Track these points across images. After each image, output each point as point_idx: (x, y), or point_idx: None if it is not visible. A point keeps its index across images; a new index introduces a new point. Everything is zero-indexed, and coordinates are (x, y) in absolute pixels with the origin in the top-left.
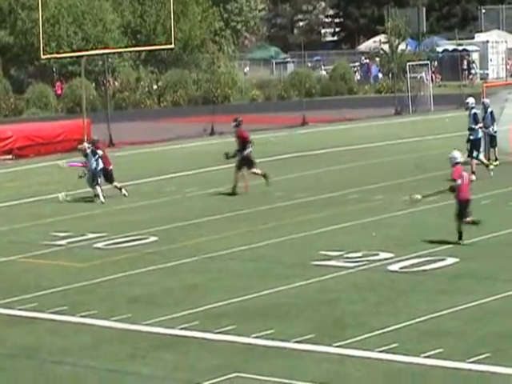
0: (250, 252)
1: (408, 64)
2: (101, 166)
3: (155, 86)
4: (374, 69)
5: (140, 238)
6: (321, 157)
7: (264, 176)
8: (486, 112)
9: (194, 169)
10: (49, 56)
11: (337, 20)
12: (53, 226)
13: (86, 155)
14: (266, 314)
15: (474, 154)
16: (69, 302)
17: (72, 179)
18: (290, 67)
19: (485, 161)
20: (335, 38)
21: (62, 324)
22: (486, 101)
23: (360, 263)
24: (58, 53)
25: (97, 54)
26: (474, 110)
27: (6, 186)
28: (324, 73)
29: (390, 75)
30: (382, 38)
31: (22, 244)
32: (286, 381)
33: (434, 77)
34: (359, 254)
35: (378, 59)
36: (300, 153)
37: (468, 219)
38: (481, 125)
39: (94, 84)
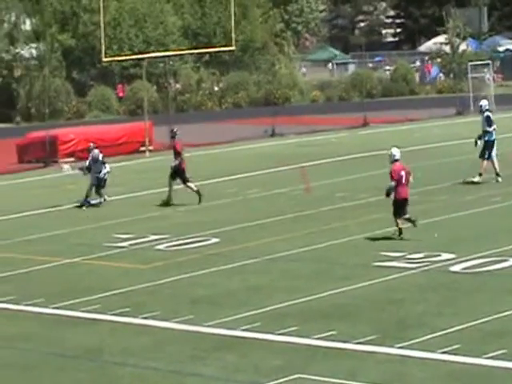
0: (313, 253)
1: (469, 64)
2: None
3: (216, 88)
4: (434, 69)
5: (202, 239)
6: (382, 157)
7: (198, 193)
8: None
9: (256, 170)
10: (110, 59)
11: (397, 20)
12: (115, 227)
13: (96, 161)
14: (328, 315)
15: (486, 155)
16: (131, 304)
17: (133, 181)
18: (351, 68)
19: (497, 167)
20: (396, 39)
21: (124, 325)
22: None
23: (422, 264)
24: (119, 55)
25: (158, 57)
26: (487, 113)
27: (68, 188)
28: (387, 73)
29: (452, 75)
30: (443, 38)
31: (85, 246)
32: (348, 382)
33: (495, 76)
34: (421, 255)
35: (439, 59)
36: (361, 154)
37: (405, 217)
38: (495, 126)
39: (155, 86)
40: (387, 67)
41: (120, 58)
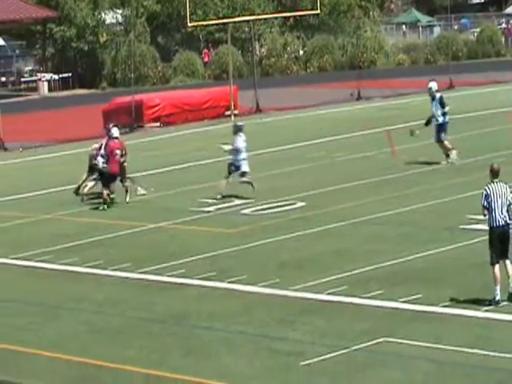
0: (397, 217)
1: None
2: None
3: (301, 52)
4: None
5: (287, 203)
6: (468, 120)
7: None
8: None
9: (342, 134)
10: (195, 24)
11: None
12: (200, 192)
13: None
14: (414, 278)
15: (442, 137)
16: (217, 268)
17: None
18: (437, 31)
19: (449, 146)
20: (482, 1)
21: (210, 290)
22: None
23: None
24: (204, 20)
25: (243, 21)
26: (439, 94)
27: (153, 153)
28: (474, 34)
29: None
30: None
31: (170, 211)
32: (434, 345)
33: None
34: None
35: None
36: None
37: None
38: (448, 108)
39: (240, 51)
40: (471, 30)
41: (205, 23)
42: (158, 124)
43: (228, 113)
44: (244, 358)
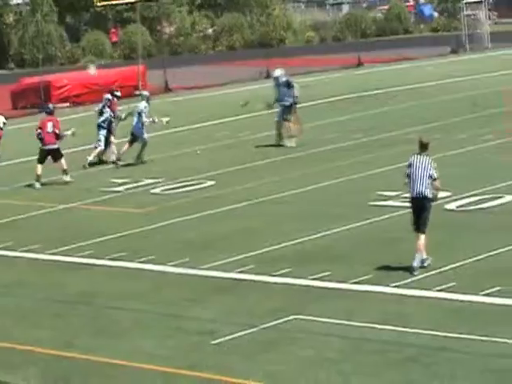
0: (306, 195)
1: (464, 2)
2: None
3: (210, 31)
4: (427, 8)
5: (196, 182)
6: (377, 97)
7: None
8: None
9: (249, 113)
10: (104, 3)
11: None
12: (110, 172)
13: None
14: (322, 256)
15: (288, 117)
16: (127, 248)
17: (128, 125)
18: (345, 8)
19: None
20: None
21: (120, 270)
22: None
23: None
24: None
25: (151, 0)
26: (286, 78)
27: (64, 133)
28: (382, 12)
29: (446, 14)
30: None
31: (81, 191)
32: (345, 322)
33: (490, 14)
34: None
35: None
36: (356, 94)
37: None
38: (297, 91)
39: (149, 30)
40: (379, 8)
41: (113, 2)
42: (67, 104)
43: (137, 92)
44: (154, 338)
